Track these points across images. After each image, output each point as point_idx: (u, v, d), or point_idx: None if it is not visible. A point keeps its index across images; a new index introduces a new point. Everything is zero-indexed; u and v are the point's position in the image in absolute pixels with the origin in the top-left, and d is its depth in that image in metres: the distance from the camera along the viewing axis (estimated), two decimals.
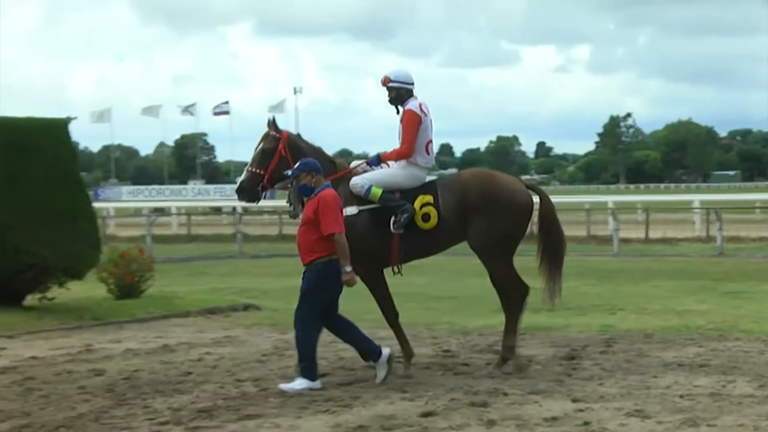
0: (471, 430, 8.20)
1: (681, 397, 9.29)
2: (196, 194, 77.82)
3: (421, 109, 10.83)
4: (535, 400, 9.16)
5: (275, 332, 14.13)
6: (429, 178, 10.90)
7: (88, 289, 17.41)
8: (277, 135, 10.77)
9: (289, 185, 10.56)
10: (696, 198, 42.34)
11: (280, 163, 10.64)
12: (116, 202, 65.32)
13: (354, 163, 11.13)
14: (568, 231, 11.89)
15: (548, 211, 11.09)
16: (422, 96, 10.89)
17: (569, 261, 11.51)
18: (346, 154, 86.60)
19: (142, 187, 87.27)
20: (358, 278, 10.04)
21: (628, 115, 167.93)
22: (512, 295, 10.80)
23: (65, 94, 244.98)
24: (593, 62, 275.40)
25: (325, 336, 10.45)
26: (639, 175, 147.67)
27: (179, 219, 45.40)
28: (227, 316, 16.21)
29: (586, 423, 8.32)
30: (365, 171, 10.84)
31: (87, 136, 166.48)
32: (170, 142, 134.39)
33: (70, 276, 15.89)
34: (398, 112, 10.89)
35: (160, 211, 49.30)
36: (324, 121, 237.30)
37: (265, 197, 11.18)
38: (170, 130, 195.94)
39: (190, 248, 33.01)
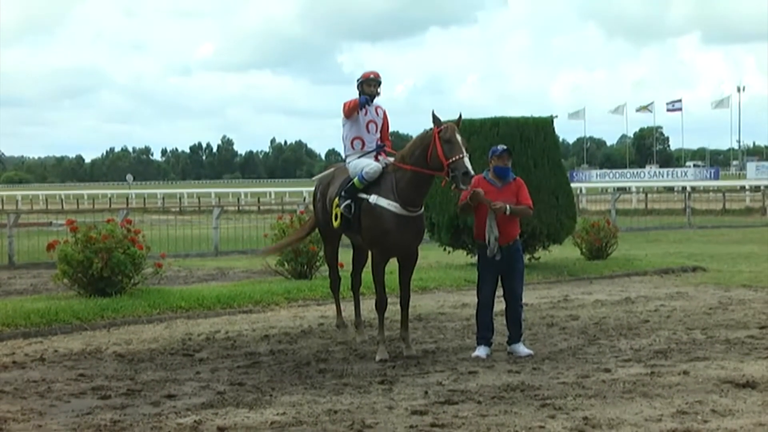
0: None
1: None
2: (651, 176, 76.10)
3: None
4: None
5: (719, 290, 13.76)
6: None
7: (565, 251, 17.81)
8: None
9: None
10: None
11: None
12: (587, 183, 65.44)
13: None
14: None
15: None
16: None
17: None
18: None
19: (608, 171, 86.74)
20: None
21: None
22: None
23: (547, 97, 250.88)
24: None
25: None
26: None
27: (638, 196, 45.15)
28: (678, 275, 15.96)
29: None
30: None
31: (565, 131, 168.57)
32: (631, 135, 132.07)
33: (552, 241, 16.35)
34: (362, 107, 9.16)
35: (623, 190, 49.18)
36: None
37: None
38: (631, 124, 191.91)
39: (647, 220, 32.61)
